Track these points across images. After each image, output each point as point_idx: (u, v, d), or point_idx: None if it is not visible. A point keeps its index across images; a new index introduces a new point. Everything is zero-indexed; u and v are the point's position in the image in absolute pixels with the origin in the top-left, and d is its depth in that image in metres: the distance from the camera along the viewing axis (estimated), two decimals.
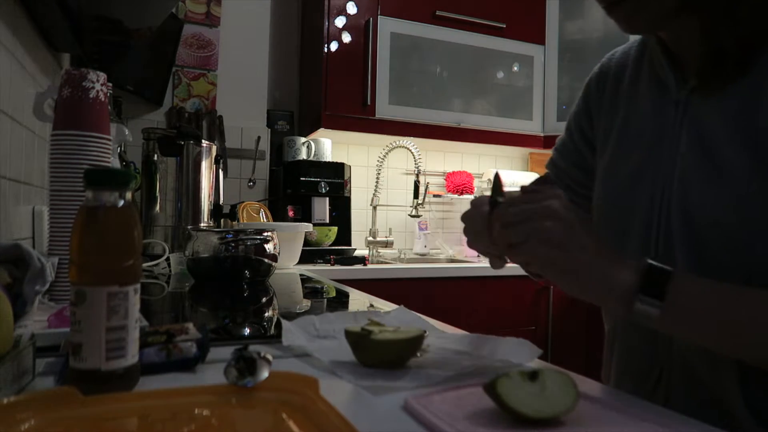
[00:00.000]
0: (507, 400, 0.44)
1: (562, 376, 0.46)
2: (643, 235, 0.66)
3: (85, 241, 0.47)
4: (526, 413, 0.43)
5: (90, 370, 0.46)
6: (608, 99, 0.76)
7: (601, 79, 0.79)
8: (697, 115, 0.62)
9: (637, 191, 0.67)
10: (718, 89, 0.59)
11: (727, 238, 0.57)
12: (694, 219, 0.60)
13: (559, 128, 2.57)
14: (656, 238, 0.64)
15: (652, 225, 0.65)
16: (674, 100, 0.65)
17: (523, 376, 0.46)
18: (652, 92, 0.69)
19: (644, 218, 0.66)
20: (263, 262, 1.27)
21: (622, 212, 0.69)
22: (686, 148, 0.62)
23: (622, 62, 0.76)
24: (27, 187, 1.12)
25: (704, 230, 0.59)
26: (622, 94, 0.74)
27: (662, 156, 0.65)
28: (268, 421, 0.43)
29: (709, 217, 0.59)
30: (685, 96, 0.64)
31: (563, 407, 0.44)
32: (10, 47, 0.99)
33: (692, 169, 0.61)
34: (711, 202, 0.58)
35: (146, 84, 2.14)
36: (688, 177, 0.62)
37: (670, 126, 0.65)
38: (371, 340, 0.58)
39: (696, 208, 0.60)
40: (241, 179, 2.36)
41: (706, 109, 0.61)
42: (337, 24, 2.25)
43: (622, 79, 0.75)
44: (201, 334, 0.60)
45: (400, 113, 2.33)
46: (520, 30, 2.53)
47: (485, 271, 2.13)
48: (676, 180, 0.63)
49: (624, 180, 0.70)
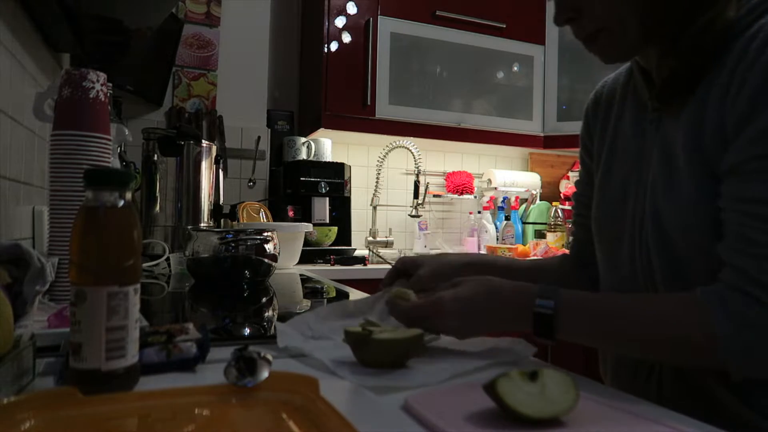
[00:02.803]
0: (507, 400, 0.44)
1: (562, 375, 0.46)
2: (629, 243, 0.72)
3: (85, 241, 0.47)
4: (527, 413, 0.43)
5: (90, 370, 0.45)
6: (601, 122, 0.83)
7: (596, 105, 0.86)
8: (665, 130, 0.68)
9: (624, 203, 0.74)
10: (676, 106, 0.66)
11: (689, 242, 0.63)
12: (663, 225, 0.66)
13: (559, 128, 2.58)
14: (639, 245, 0.70)
15: (635, 233, 0.71)
16: (650, 118, 0.72)
17: (523, 376, 0.46)
18: (635, 112, 0.76)
19: (629, 228, 0.72)
20: (263, 262, 1.27)
21: (614, 223, 0.76)
22: (656, 161, 0.69)
23: (612, 88, 0.84)
24: (27, 187, 1.12)
25: (672, 235, 0.65)
26: (612, 116, 0.81)
27: (641, 170, 0.72)
28: (268, 421, 0.43)
29: (672, 223, 0.65)
30: (657, 115, 0.70)
31: (563, 407, 0.44)
32: (10, 47, 0.99)
33: (658, 180, 0.68)
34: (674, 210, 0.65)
35: (146, 84, 2.14)
36: (656, 188, 0.68)
37: (647, 142, 0.72)
38: (371, 339, 0.58)
39: (664, 216, 0.66)
40: (241, 179, 2.36)
41: (671, 125, 0.67)
42: (337, 24, 2.25)
43: (613, 103, 0.82)
44: (201, 334, 0.60)
45: (400, 113, 2.33)
46: (520, 30, 2.53)
47: None
48: (649, 191, 0.69)
49: (614, 194, 0.76)
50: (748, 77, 0.57)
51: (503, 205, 2.71)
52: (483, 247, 2.51)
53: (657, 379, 0.69)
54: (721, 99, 0.60)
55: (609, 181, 0.78)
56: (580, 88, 2.59)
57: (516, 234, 2.61)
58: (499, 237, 2.61)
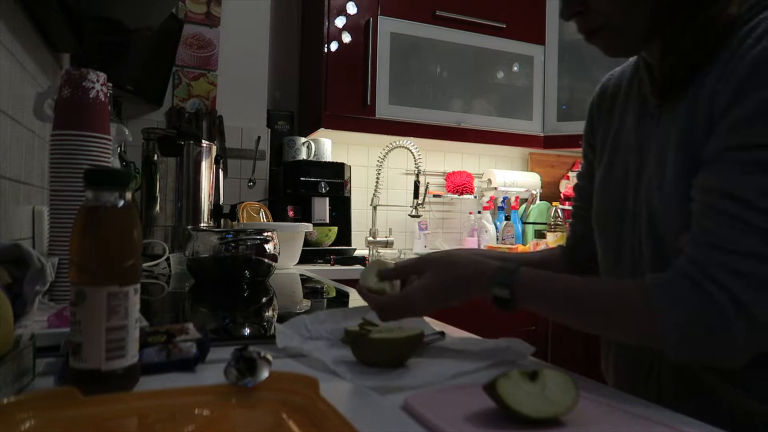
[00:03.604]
0: (507, 400, 0.44)
1: (562, 375, 0.46)
2: (629, 238, 0.72)
3: (85, 241, 0.47)
4: (527, 413, 0.43)
5: (90, 370, 0.45)
6: (605, 115, 0.83)
7: (601, 98, 0.85)
8: (663, 126, 0.68)
9: (624, 199, 0.74)
10: (674, 102, 0.66)
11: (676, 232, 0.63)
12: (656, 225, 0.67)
13: (558, 128, 2.57)
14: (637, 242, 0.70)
15: (633, 230, 0.71)
16: (651, 113, 0.72)
17: (523, 376, 0.46)
18: (639, 107, 0.75)
19: (628, 224, 0.72)
20: (263, 262, 1.27)
21: (613, 218, 0.75)
22: (653, 158, 0.69)
23: (618, 81, 0.83)
24: (27, 187, 1.12)
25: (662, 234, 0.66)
26: (617, 109, 0.80)
27: (640, 167, 0.72)
28: (268, 421, 0.43)
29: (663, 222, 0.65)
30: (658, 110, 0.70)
31: (563, 407, 0.44)
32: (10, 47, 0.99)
33: (653, 179, 0.68)
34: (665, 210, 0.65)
35: (146, 84, 2.14)
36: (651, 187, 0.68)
37: (647, 138, 0.71)
38: (370, 339, 0.58)
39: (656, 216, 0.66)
40: (241, 179, 2.36)
41: (668, 120, 0.67)
42: (337, 24, 2.25)
43: (617, 97, 0.81)
44: (201, 334, 0.60)
45: (400, 113, 2.33)
46: (520, 30, 2.53)
47: None
48: (644, 189, 0.69)
49: (614, 189, 0.76)
50: (737, 67, 0.57)
51: (503, 205, 2.71)
52: (483, 247, 2.51)
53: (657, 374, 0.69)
54: (711, 92, 0.60)
55: (610, 174, 0.78)
56: (580, 88, 2.59)
57: (516, 234, 2.61)
58: (499, 237, 2.61)
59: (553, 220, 2.58)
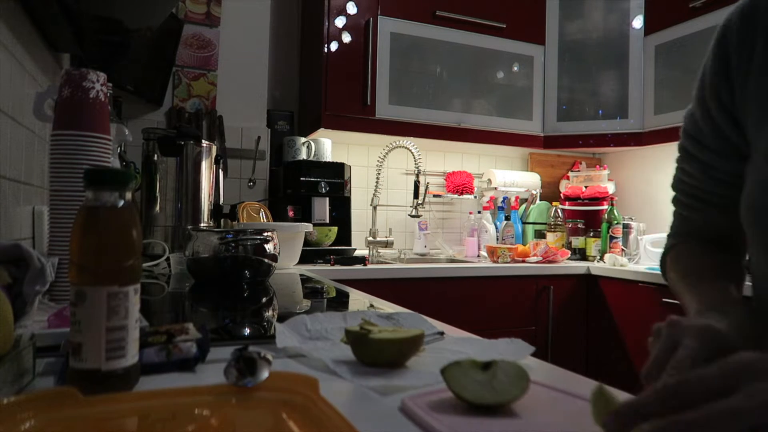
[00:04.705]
0: (450, 383, 0.47)
1: (516, 367, 0.49)
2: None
3: (85, 241, 0.47)
4: (467, 398, 0.46)
5: (90, 370, 0.46)
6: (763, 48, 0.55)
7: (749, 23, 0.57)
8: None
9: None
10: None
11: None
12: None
13: (559, 128, 2.58)
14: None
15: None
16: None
17: (475, 365, 0.49)
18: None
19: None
20: (263, 262, 1.27)
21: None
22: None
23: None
24: (27, 187, 1.12)
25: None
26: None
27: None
28: (268, 421, 0.43)
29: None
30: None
31: (508, 396, 0.46)
32: (10, 47, 0.99)
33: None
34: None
35: (146, 84, 2.14)
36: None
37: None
38: (370, 339, 0.59)
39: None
40: (241, 179, 2.36)
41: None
42: (337, 24, 2.25)
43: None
44: (201, 334, 0.60)
45: (400, 113, 2.33)
46: (520, 30, 2.53)
47: (485, 271, 2.13)
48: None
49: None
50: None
51: (503, 205, 2.71)
52: (483, 247, 2.51)
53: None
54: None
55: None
56: (580, 88, 2.59)
57: (516, 234, 2.61)
58: (499, 237, 2.61)
59: (553, 220, 2.58)
